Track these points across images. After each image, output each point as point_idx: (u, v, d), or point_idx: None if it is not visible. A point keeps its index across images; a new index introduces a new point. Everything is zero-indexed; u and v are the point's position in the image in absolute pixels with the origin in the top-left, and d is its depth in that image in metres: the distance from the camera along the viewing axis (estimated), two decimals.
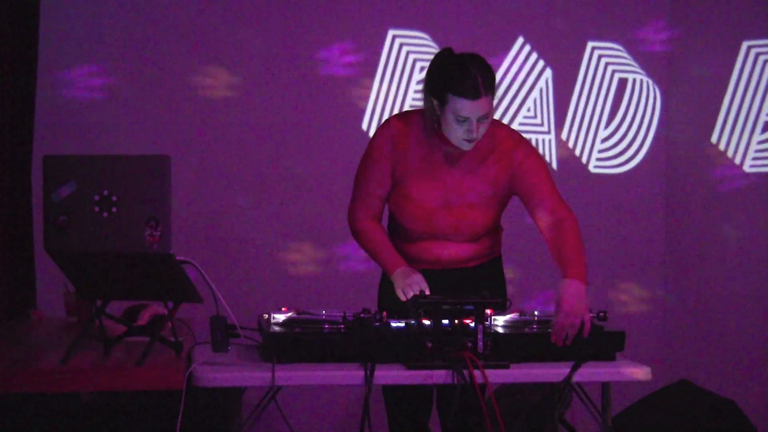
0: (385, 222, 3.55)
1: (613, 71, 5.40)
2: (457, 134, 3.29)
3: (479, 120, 3.25)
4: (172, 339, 2.94)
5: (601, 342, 3.07)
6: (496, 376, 2.94)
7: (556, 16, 5.33)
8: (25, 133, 4.33)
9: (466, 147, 3.32)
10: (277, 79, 5.03)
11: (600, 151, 5.42)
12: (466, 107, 3.23)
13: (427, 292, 3.24)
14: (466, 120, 3.25)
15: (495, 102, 3.30)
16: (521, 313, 3.21)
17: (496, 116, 5.13)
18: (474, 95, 3.21)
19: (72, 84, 4.82)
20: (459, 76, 3.23)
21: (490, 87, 3.25)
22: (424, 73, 3.40)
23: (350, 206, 3.52)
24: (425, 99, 3.35)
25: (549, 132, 5.33)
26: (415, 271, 3.35)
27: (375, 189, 3.46)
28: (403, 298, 3.30)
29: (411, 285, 3.28)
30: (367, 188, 3.47)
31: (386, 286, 3.50)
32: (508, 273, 3.69)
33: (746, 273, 5.16)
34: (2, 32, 4.20)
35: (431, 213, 3.42)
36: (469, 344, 2.96)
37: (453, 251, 3.48)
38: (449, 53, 3.33)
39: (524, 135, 5.27)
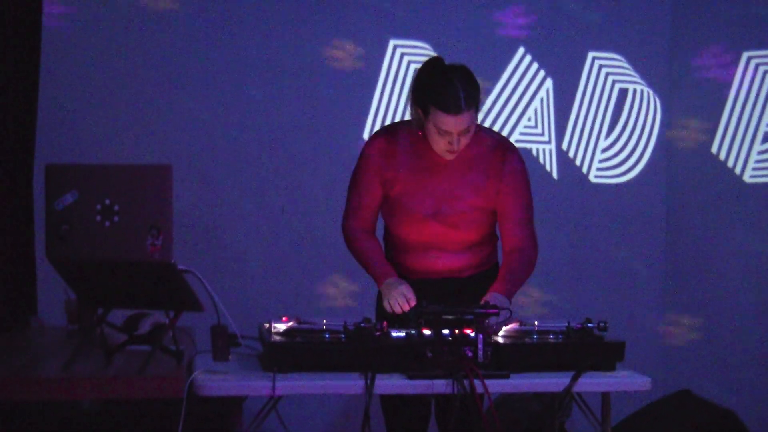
0: (381, 233, 3.56)
1: (614, 81, 5.41)
2: (439, 145, 3.32)
3: (460, 133, 3.27)
4: (173, 348, 2.94)
5: (602, 352, 3.07)
6: (497, 385, 2.94)
7: (556, 27, 5.33)
8: (27, 141, 4.33)
9: (449, 157, 3.35)
10: (278, 88, 5.04)
11: (600, 161, 5.42)
12: (447, 121, 3.25)
13: (413, 303, 3.25)
14: (447, 133, 3.26)
15: (497, 108, 3.32)
16: (521, 323, 3.21)
17: (497, 125, 5.19)
18: (456, 110, 3.23)
19: (73, 93, 4.83)
20: (442, 89, 3.24)
21: (473, 101, 3.26)
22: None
23: (343, 218, 3.54)
24: (411, 107, 3.36)
25: (549, 142, 5.33)
26: (402, 282, 3.36)
27: (366, 200, 3.47)
28: (389, 310, 3.31)
29: (396, 297, 3.29)
30: (358, 200, 3.48)
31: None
32: None
33: (747, 283, 5.17)
34: (5, 39, 4.21)
35: (423, 222, 3.43)
36: (470, 354, 2.96)
37: (448, 261, 3.49)
38: (436, 64, 3.34)
39: (525, 145, 5.30)
